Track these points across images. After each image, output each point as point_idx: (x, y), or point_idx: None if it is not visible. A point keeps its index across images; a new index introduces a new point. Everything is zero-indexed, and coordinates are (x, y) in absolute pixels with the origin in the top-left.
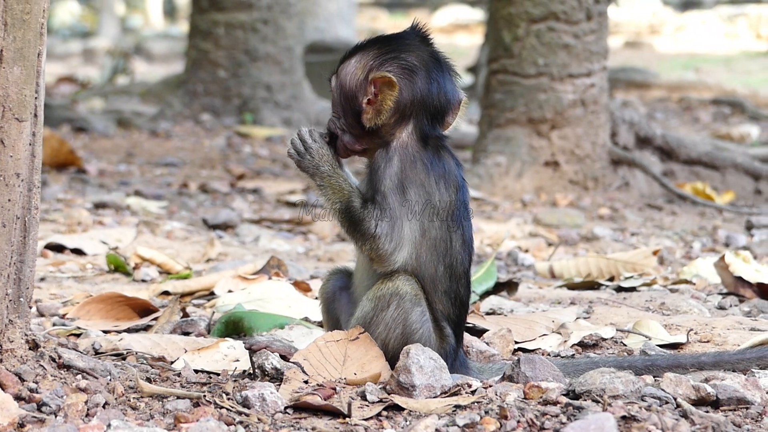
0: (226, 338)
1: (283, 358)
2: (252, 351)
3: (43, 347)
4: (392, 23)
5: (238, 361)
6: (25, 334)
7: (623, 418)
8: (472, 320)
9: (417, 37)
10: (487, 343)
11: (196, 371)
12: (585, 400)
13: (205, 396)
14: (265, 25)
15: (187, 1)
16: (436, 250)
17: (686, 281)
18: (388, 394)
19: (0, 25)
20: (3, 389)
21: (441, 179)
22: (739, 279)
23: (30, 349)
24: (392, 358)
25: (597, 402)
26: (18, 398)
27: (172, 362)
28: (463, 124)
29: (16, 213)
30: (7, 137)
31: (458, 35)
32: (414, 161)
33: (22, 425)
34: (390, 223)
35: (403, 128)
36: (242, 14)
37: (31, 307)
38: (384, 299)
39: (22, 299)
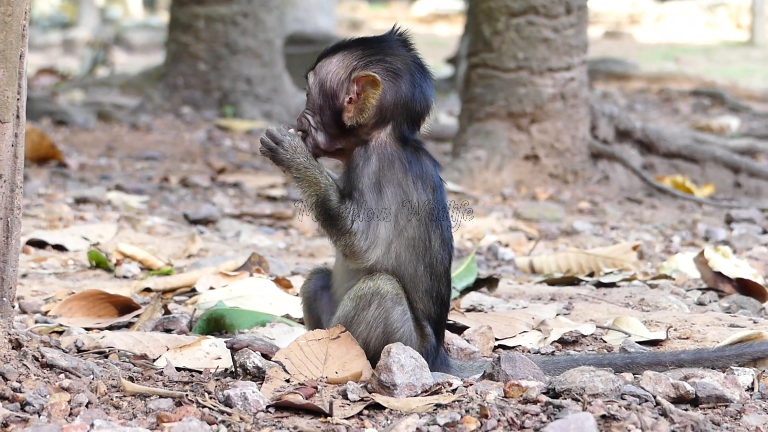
0: (208, 336)
1: (265, 356)
2: (233, 350)
3: (26, 346)
4: (372, 13)
5: (220, 359)
6: (8, 334)
7: (603, 417)
8: (452, 317)
9: (399, 41)
10: (467, 341)
11: (179, 369)
12: (565, 398)
13: (187, 395)
14: (245, 18)
15: None
16: (415, 249)
17: (666, 276)
18: (370, 392)
19: None
20: None
21: (419, 179)
22: (719, 274)
23: (13, 348)
24: (373, 357)
25: (577, 401)
26: (1, 398)
27: (154, 360)
28: (442, 116)
29: None
30: None
31: (438, 25)
32: (392, 161)
33: (5, 425)
34: (366, 221)
35: (382, 129)
36: (222, 7)
37: (14, 306)
38: (365, 298)
39: (5, 299)
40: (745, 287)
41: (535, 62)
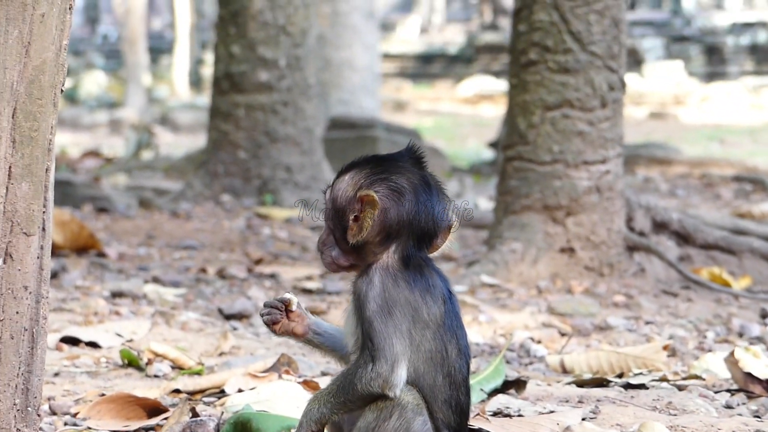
0: None
1: None
2: None
3: None
4: (417, 94)
5: None
6: None
7: None
8: (477, 423)
9: (411, 158)
10: None
11: None
12: None
13: None
14: (284, 106)
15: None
16: (433, 361)
17: (696, 376)
18: None
19: (9, 143)
20: None
21: (426, 293)
22: (749, 375)
23: None
24: None
25: None
26: None
27: None
28: (482, 202)
29: (24, 325)
30: (15, 251)
31: (482, 106)
32: (396, 280)
33: None
34: (383, 355)
35: (388, 249)
36: (262, 96)
37: (39, 415)
38: (386, 410)
39: (29, 408)
40: None
41: (570, 155)
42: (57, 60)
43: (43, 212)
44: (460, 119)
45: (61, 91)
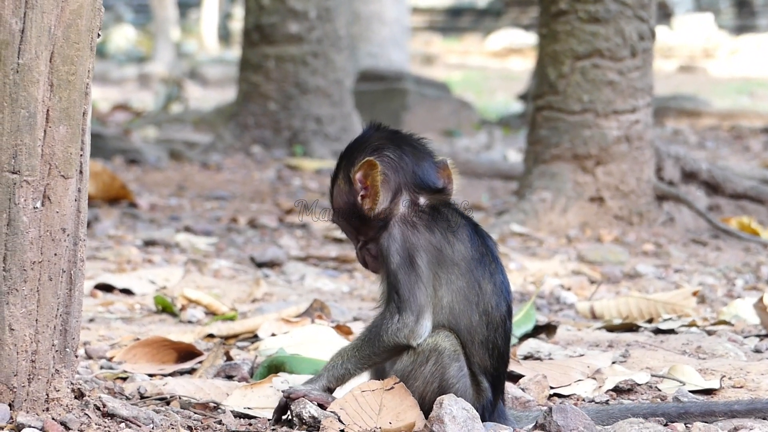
0: (279, 374)
1: (321, 406)
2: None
3: (88, 396)
4: (446, 47)
5: None
6: (71, 383)
7: None
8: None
9: (373, 129)
10: (522, 389)
11: (237, 416)
12: None
13: None
14: (315, 58)
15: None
16: (468, 299)
17: (725, 322)
18: None
19: (46, 86)
20: None
21: (447, 231)
22: None
23: (75, 398)
24: (428, 410)
25: None
26: None
27: (216, 406)
28: (512, 154)
29: (62, 267)
30: (54, 194)
31: (511, 59)
32: (414, 226)
33: None
34: (408, 306)
35: (398, 204)
36: (292, 47)
37: (77, 356)
38: (423, 354)
39: (68, 349)
40: None
41: (600, 105)
42: (94, 4)
43: (81, 155)
44: (489, 73)
45: (98, 35)
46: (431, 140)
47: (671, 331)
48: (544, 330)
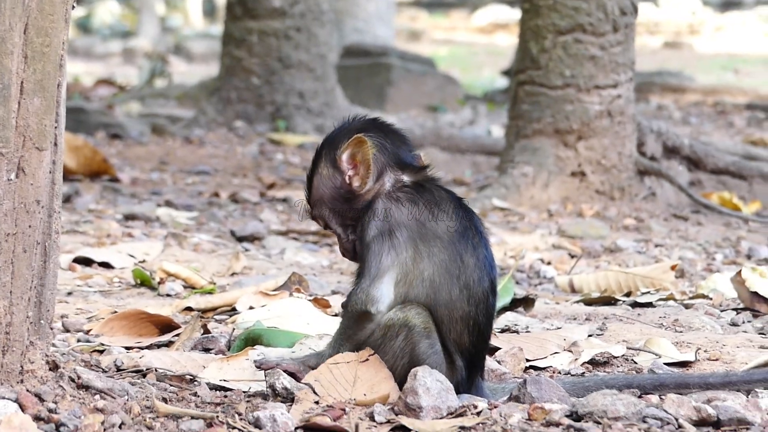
0: (255, 347)
1: (293, 376)
2: (262, 369)
3: (63, 368)
4: (432, 23)
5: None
6: (46, 355)
7: None
8: None
9: (350, 120)
10: (498, 362)
11: (213, 388)
12: (587, 421)
13: (218, 416)
14: (298, 32)
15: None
16: (449, 271)
17: (703, 296)
18: (396, 415)
19: (21, 58)
20: (23, 410)
21: (432, 205)
22: (755, 294)
23: (50, 369)
24: (400, 383)
25: (598, 424)
26: (37, 419)
27: (192, 378)
28: (495, 129)
29: (36, 239)
30: (28, 166)
31: (497, 35)
32: (398, 201)
33: None
34: (368, 270)
35: (384, 183)
36: (275, 22)
37: (52, 329)
38: (393, 329)
39: (42, 321)
40: None
41: (582, 80)
42: None
43: (55, 127)
44: (475, 48)
45: (73, 7)
46: (416, 117)
47: (649, 305)
48: (522, 303)
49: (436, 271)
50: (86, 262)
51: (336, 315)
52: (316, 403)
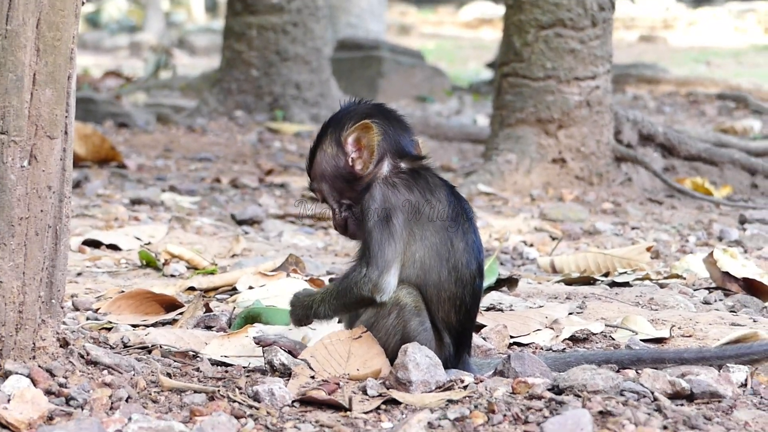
0: (255, 324)
1: (290, 353)
2: (261, 346)
3: (73, 345)
4: (420, 18)
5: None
6: (57, 333)
7: (600, 413)
8: None
9: (356, 102)
10: (484, 339)
11: (214, 364)
12: (567, 395)
13: (219, 390)
14: (294, 27)
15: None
16: (439, 255)
17: (677, 276)
18: (387, 389)
19: (33, 51)
20: (35, 384)
21: (426, 191)
22: (726, 274)
23: (61, 346)
24: (391, 360)
25: (578, 397)
26: (48, 393)
27: (194, 354)
28: (480, 118)
29: (48, 222)
30: (40, 153)
31: (483, 29)
32: (394, 186)
33: (51, 418)
34: (375, 260)
35: (382, 168)
36: (274, 17)
37: (62, 308)
38: (386, 308)
39: (53, 300)
40: (751, 286)
41: (563, 72)
42: None
43: (66, 117)
44: (462, 42)
45: (83, 3)
46: (405, 107)
47: (626, 284)
48: (507, 283)
49: (427, 253)
50: (95, 244)
51: None
52: (312, 377)
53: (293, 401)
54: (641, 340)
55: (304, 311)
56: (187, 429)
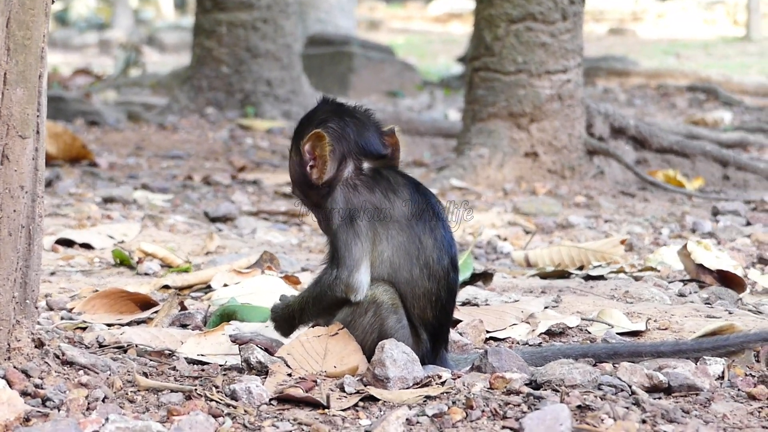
0: (231, 322)
1: (267, 351)
2: (238, 344)
3: (48, 345)
4: (390, 13)
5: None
6: (32, 333)
7: (579, 407)
8: None
9: (322, 103)
10: (460, 334)
11: (191, 362)
12: (545, 389)
13: (196, 389)
14: (264, 23)
15: None
16: (408, 254)
17: (652, 268)
18: (365, 385)
19: (3, 50)
20: (10, 386)
21: (388, 191)
22: (700, 266)
23: (36, 347)
24: (370, 357)
25: (556, 391)
26: (24, 394)
27: (170, 353)
28: (452, 113)
29: (21, 222)
30: (12, 153)
31: (452, 24)
32: (355, 188)
33: (27, 419)
34: (343, 260)
35: (344, 171)
36: (243, 14)
37: (37, 308)
38: (362, 306)
39: (28, 301)
40: (725, 278)
41: (534, 65)
42: None
43: (37, 116)
44: (431, 37)
45: (53, 1)
46: (376, 102)
47: (600, 278)
48: (482, 277)
49: (395, 252)
50: (68, 243)
51: None
52: (289, 375)
53: (271, 399)
54: (617, 333)
55: (287, 324)
56: (165, 429)
